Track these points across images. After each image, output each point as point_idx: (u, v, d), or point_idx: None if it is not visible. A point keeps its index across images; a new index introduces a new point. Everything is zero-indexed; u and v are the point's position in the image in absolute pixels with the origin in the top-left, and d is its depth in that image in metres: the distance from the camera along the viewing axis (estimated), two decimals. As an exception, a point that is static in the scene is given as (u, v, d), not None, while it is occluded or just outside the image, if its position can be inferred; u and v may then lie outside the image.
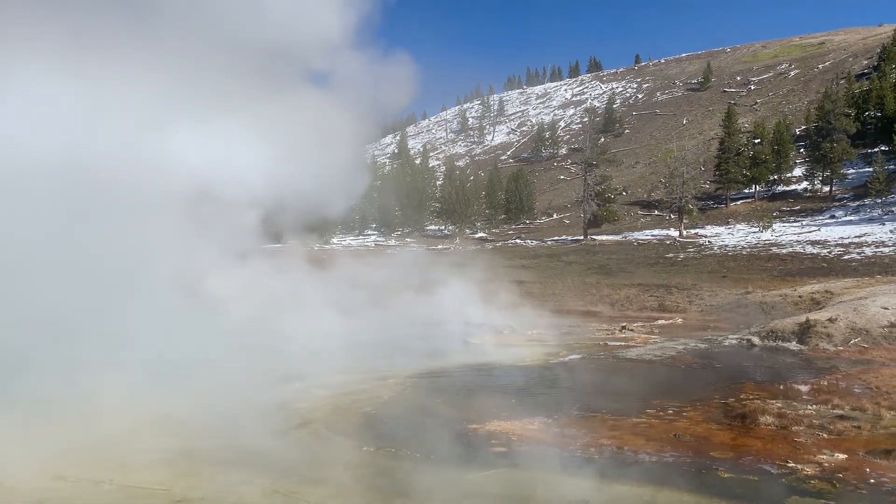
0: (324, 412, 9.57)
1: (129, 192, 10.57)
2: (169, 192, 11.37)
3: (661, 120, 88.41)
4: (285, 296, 14.66)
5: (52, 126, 9.82)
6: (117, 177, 10.35)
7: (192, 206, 12.10)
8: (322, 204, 14.74)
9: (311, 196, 14.17)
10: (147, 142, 11.20)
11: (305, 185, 13.75)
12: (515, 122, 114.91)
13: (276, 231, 16.58)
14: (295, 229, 16.57)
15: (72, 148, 9.86)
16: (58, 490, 6.61)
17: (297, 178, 13.55)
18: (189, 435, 8.35)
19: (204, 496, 6.54)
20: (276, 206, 14.26)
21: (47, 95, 9.95)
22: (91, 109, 10.34)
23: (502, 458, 7.54)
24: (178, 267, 11.97)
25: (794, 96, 77.71)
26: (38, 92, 9.89)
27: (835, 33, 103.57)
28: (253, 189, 13.19)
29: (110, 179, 10.24)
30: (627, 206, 59.77)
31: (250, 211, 13.63)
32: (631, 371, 12.43)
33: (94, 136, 10.25)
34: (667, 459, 7.36)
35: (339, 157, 14.36)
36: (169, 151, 11.57)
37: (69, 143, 9.86)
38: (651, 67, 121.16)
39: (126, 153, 10.67)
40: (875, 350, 12.75)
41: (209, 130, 12.52)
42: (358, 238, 63.66)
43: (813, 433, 8.09)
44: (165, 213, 11.41)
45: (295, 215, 14.96)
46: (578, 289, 27.77)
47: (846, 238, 36.59)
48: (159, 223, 11.21)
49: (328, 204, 14.95)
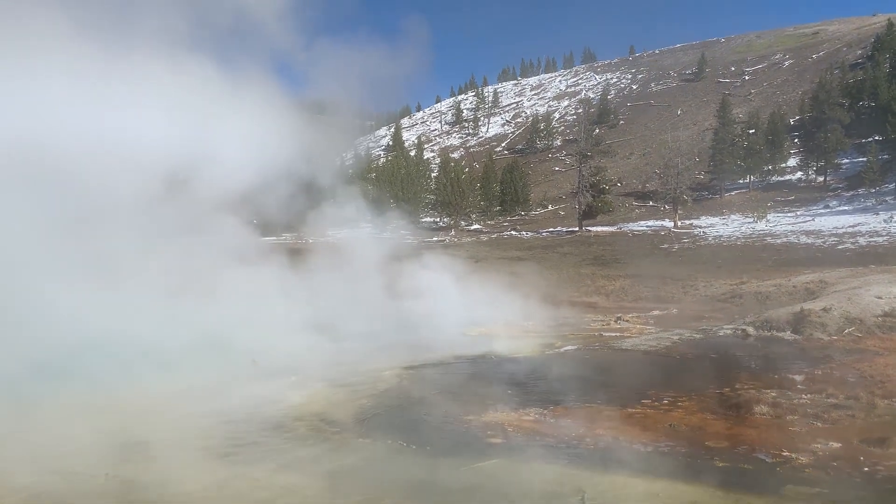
0: (320, 404, 9.57)
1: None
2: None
3: (656, 111, 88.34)
4: (276, 288, 14.61)
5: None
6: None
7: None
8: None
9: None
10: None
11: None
12: (510, 114, 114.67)
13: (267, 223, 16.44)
14: (280, 220, 16.42)
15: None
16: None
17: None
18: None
19: (201, 489, 6.53)
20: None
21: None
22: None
23: (498, 448, 7.55)
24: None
25: (789, 86, 77.73)
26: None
27: (829, 23, 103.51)
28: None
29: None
30: (622, 198, 59.77)
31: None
32: (626, 362, 12.46)
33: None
34: (662, 449, 7.38)
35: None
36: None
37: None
38: (645, 58, 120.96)
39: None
40: (869, 339, 12.79)
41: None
42: (353, 231, 63.35)
43: (807, 422, 8.12)
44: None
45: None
46: (573, 280, 27.82)
47: (840, 228, 36.70)
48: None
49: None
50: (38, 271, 10.16)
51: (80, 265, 10.84)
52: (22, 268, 9.90)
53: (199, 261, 13.39)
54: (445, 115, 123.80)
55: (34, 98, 10.19)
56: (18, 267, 9.84)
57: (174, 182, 12.83)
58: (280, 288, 14.67)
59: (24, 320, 9.79)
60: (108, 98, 11.27)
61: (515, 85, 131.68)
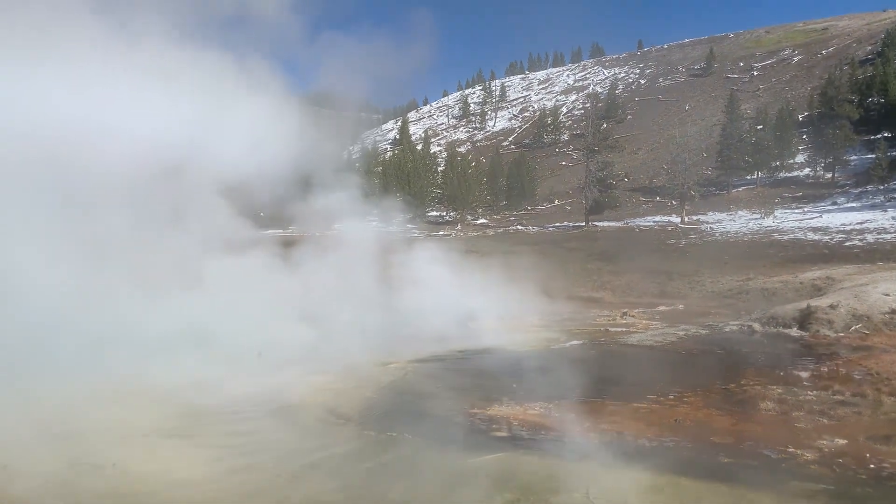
0: (324, 396, 9.60)
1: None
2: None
3: (664, 106, 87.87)
4: (280, 282, 14.63)
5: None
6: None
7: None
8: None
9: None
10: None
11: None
12: (517, 108, 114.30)
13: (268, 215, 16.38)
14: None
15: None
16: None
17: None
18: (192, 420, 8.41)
19: (204, 479, 6.58)
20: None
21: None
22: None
23: (503, 442, 7.58)
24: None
25: (798, 82, 77.23)
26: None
27: (838, 19, 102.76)
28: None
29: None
30: (629, 193, 59.53)
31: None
32: (632, 357, 12.45)
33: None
34: (667, 445, 7.39)
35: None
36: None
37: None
38: (654, 53, 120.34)
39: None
40: (876, 336, 12.74)
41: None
42: (359, 225, 63.32)
43: (813, 419, 8.11)
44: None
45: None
46: (580, 275, 27.77)
47: (848, 225, 36.48)
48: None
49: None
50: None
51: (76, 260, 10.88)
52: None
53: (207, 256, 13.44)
54: (452, 109, 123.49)
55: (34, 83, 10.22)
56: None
57: (176, 173, 12.82)
58: (284, 281, 14.70)
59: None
60: (108, 85, 11.28)
61: (523, 79, 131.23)
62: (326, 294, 14.91)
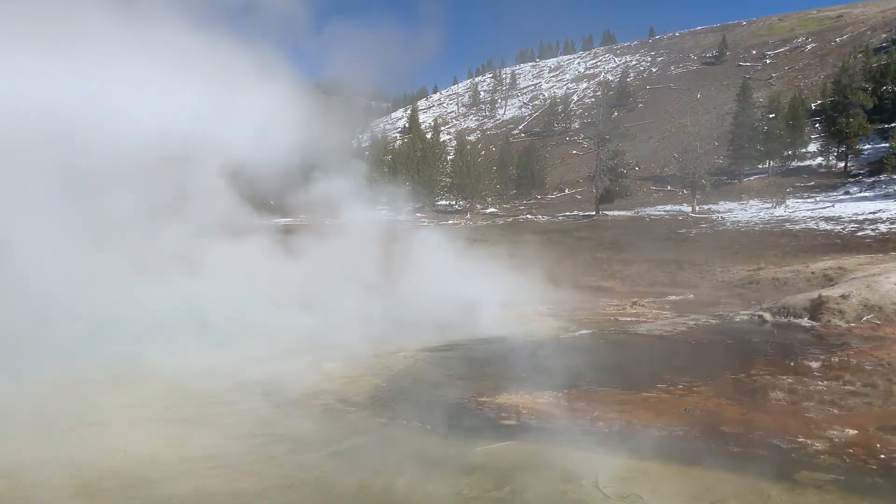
0: (336, 384, 9.65)
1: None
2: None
3: (675, 94, 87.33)
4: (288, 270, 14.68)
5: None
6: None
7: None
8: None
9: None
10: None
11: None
12: (528, 96, 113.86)
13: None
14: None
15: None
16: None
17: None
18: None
19: (218, 464, 6.63)
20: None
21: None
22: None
23: (512, 430, 7.59)
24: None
25: (811, 70, 76.57)
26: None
27: (853, 6, 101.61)
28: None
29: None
30: (640, 182, 59.32)
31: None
32: (641, 346, 12.44)
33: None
34: (676, 434, 7.38)
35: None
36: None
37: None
38: (665, 41, 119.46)
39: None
40: (888, 327, 12.69)
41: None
42: (369, 214, 63.32)
43: (823, 409, 8.09)
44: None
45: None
46: (589, 264, 27.74)
47: (860, 214, 36.22)
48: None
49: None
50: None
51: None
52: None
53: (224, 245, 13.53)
54: (462, 97, 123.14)
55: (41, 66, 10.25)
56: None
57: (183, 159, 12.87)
58: (292, 269, 14.74)
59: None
60: (115, 69, 11.30)
61: (533, 67, 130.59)
62: (333, 282, 14.95)
